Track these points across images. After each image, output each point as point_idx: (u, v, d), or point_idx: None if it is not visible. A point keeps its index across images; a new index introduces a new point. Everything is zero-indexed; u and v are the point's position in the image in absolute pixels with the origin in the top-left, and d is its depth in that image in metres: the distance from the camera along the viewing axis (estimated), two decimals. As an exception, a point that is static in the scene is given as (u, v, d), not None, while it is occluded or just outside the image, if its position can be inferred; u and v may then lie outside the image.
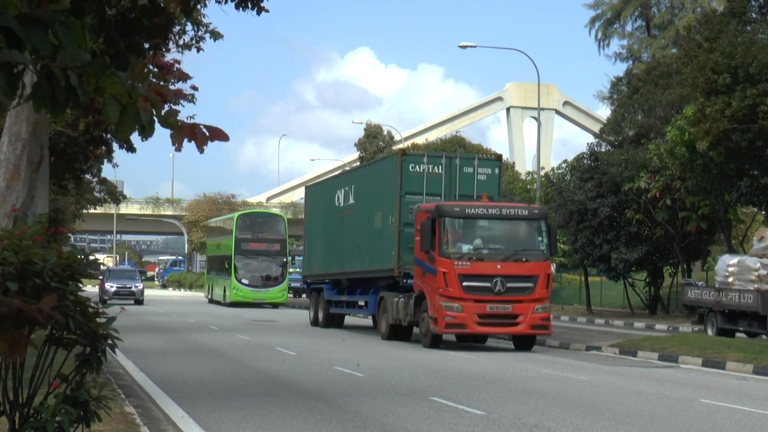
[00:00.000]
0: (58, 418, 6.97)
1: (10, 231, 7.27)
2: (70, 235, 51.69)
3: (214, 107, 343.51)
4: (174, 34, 20.41)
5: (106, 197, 44.73)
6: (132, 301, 51.66)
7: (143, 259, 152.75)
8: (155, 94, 4.60)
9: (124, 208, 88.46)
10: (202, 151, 4.96)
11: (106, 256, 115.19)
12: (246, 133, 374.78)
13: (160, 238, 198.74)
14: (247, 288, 52.22)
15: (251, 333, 30.54)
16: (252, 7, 14.31)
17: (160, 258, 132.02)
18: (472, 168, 27.82)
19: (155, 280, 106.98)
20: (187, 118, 27.36)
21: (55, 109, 4.30)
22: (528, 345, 25.36)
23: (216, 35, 22.72)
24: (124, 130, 4.48)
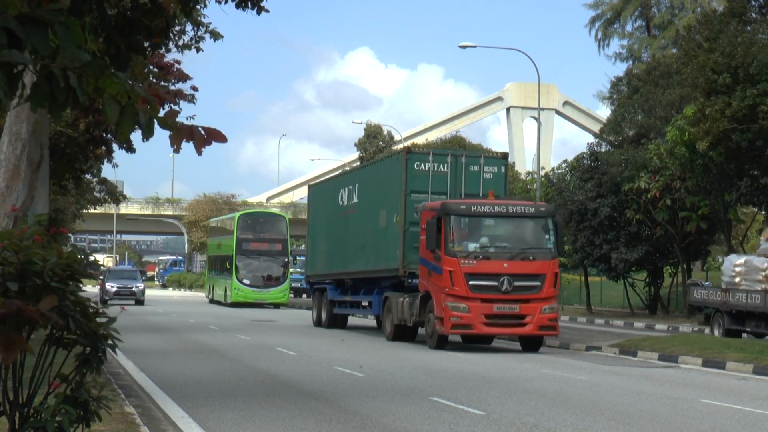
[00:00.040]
0: (58, 418, 6.97)
1: (10, 231, 7.27)
2: (70, 235, 51.62)
3: (214, 107, 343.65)
4: (174, 34, 20.41)
5: (106, 197, 44.72)
6: (133, 301, 51.43)
7: (143, 259, 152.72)
8: (153, 96, 4.61)
9: (124, 208, 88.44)
10: (200, 153, 4.96)
11: (106, 256, 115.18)
12: (246, 133, 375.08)
13: (160, 238, 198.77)
14: (248, 288, 52.03)
15: (251, 333, 30.53)
16: (252, 6, 14.32)
17: (160, 258, 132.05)
18: (478, 166, 27.49)
19: (155, 280, 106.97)
20: (187, 119, 27.40)
21: (54, 109, 4.30)
22: (535, 346, 25.02)
23: (216, 35, 22.73)
24: (123, 130, 4.49)
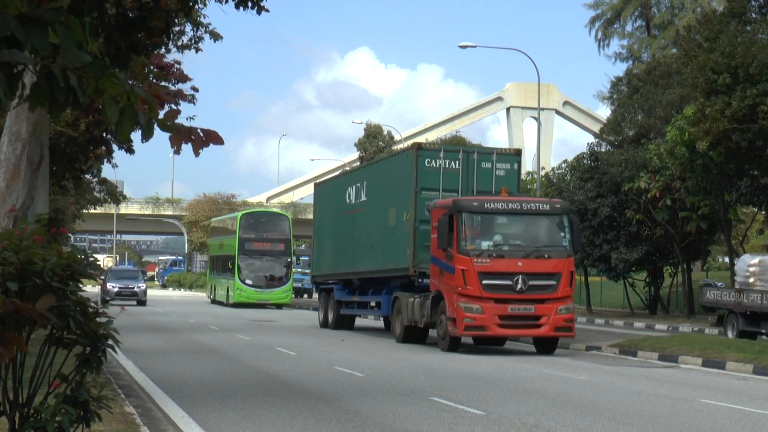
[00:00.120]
0: (58, 418, 6.97)
1: (10, 231, 7.27)
2: (70, 235, 51.61)
3: (214, 107, 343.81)
4: (174, 34, 20.41)
5: (106, 197, 44.70)
6: (135, 302, 50.94)
7: (143, 259, 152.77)
8: (153, 97, 4.61)
9: (124, 208, 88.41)
10: (197, 155, 4.98)
11: (106, 256, 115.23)
12: (246, 133, 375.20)
13: (160, 238, 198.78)
14: (250, 288, 51.66)
15: (251, 333, 30.53)
16: (252, 6, 14.32)
17: (160, 258, 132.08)
18: (490, 163, 26.71)
19: (155, 280, 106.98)
20: (187, 119, 27.47)
21: (54, 109, 4.30)
22: (550, 348, 24.30)
23: (215, 36, 22.72)
24: (123, 131, 4.49)
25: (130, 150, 30.43)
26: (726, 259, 52.82)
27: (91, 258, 7.28)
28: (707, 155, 33.32)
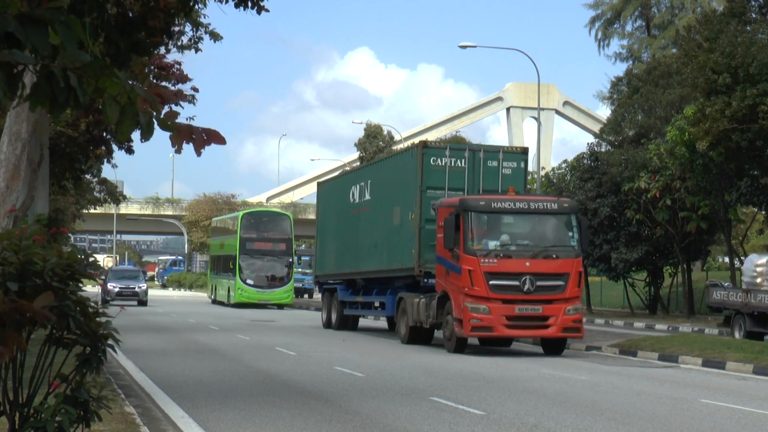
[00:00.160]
0: (58, 418, 6.97)
1: (10, 231, 7.27)
2: (70, 235, 51.58)
3: (214, 107, 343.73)
4: (174, 34, 20.41)
5: (106, 197, 44.72)
6: (135, 302, 50.65)
7: (143, 259, 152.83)
8: (155, 95, 4.60)
9: (124, 208, 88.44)
10: (199, 154, 4.96)
11: (106, 256, 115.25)
12: (246, 133, 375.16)
13: (160, 238, 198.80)
14: (252, 288, 51.45)
15: (251, 333, 30.52)
16: (252, 6, 14.32)
17: (160, 258, 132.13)
18: (496, 162, 26.42)
19: (155, 280, 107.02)
20: (187, 119, 27.48)
21: (55, 109, 4.29)
22: (558, 349, 24.10)
23: (215, 36, 22.72)
24: (123, 131, 4.48)
25: (130, 150, 30.45)
26: (726, 259, 52.81)
27: (91, 258, 7.28)
28: (707, 155, 33.33)
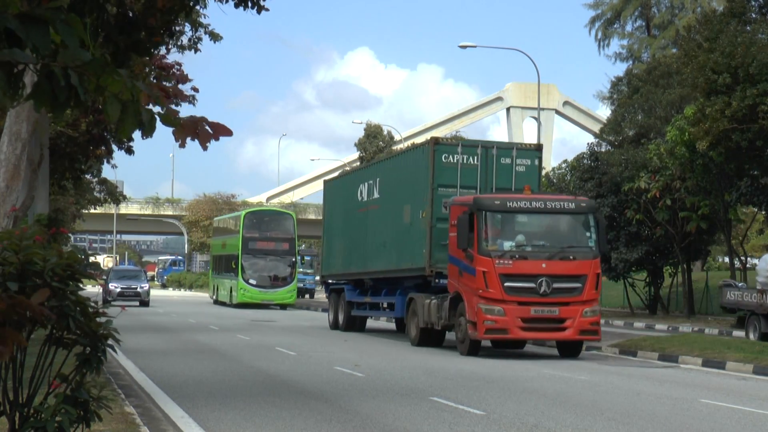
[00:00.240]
0: (58, 418, 6.97)
1: (10, 231, 7.27)
2: (70, 235, 51.54)
3: (214, 107, 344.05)
4: (174, 34, 20.40)
5: (106, 197, 44.74)
6: (137, 302, 50.15)
7: (143, 259, 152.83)
8: (158, 90, 4.58)
9: (124, 208, 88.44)
10: (205, 149, 4.91)
11: (106, 256, 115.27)
12: (246, 133, 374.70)
13: (160, 238, 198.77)
14: (254, 288, 51.00)
15: (251, 333, 30.51)
16: (252, 6, 14.32)
17: (160, 258, 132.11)
18: (510, 159, 25.68)
19: (155, 279, 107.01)
20: (187, 119, 27.46)
21: (56, 108, 4.28)
22: (575, 352, 23.36)
23: (215, 36, 22.71)
24: (125, 128, 4.45)
25: (130, 150, 30.44)
26: (726, 259, 52.82)
27: (91, 258, 7.28)
28: (707, 155, 33.34)
